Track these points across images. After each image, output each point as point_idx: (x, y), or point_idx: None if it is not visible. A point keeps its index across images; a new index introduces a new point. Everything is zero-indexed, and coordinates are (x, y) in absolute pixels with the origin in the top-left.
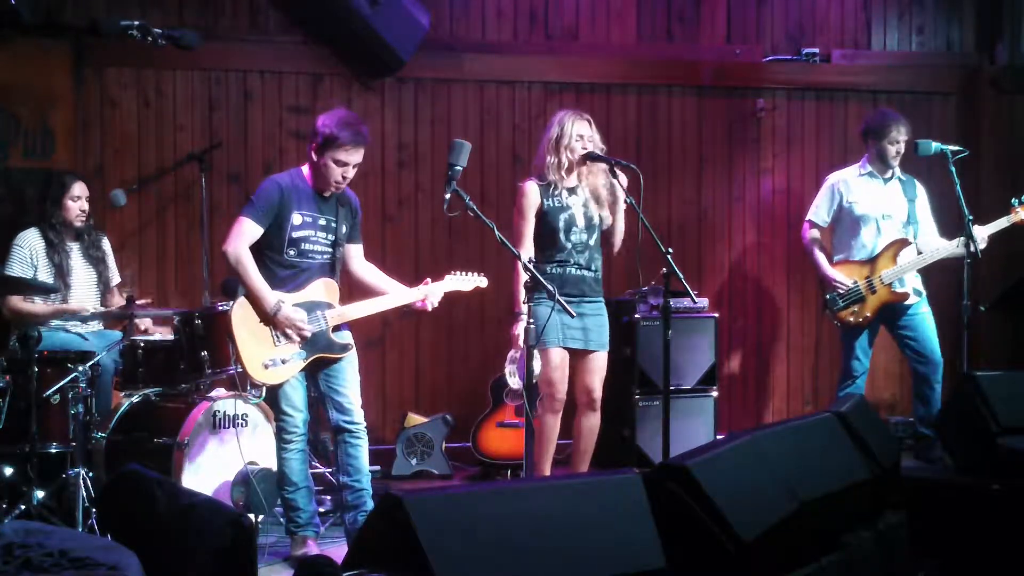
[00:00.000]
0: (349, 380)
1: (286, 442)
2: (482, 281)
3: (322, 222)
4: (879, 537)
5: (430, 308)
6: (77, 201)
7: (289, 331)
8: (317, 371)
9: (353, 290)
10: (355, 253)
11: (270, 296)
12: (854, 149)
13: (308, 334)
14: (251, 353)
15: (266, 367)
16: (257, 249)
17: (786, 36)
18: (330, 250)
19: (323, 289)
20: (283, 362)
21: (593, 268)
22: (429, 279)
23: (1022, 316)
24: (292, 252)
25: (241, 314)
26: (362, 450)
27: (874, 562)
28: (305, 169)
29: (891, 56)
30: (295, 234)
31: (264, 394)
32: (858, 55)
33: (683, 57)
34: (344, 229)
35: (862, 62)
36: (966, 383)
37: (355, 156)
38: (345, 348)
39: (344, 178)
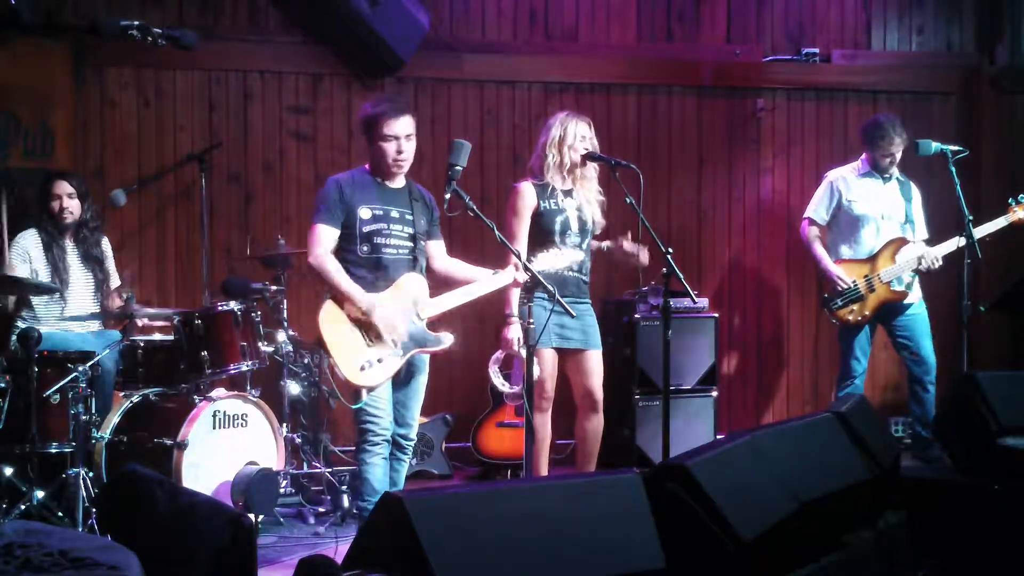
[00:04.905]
0: (416, 395)
1: (372, 444)
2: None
3: (394, 214)
4: (879, 537)
5: (521, 281)
6: (57, 200)
7: (384, 331)
8: None
9: (440, 290)
10: (437, 251)
11: (363, 297)
12: (854, 149)
13: (404, 332)
14: (345, 357)
15: (362, 369)
16: (335, 252)
17: (786, 36)
18: (410, 244)
19: (410, 283)
20: (379, 361)
21: (583, 271)
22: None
23: (1022, 316)
24: (366, 248)
25: (329, 318)
26: (405, 466)
27: (874, 562)
28: (367, 165)
29: (891, 56)
30: (365, 229)
31: (364, 400)
32: (858, 55)
33: (683, 57)
34: (423, 223)
35: (862, 62)
36: (966, 383)
37: (401, 126)
38: (439, 341)
39: (400, 153)
